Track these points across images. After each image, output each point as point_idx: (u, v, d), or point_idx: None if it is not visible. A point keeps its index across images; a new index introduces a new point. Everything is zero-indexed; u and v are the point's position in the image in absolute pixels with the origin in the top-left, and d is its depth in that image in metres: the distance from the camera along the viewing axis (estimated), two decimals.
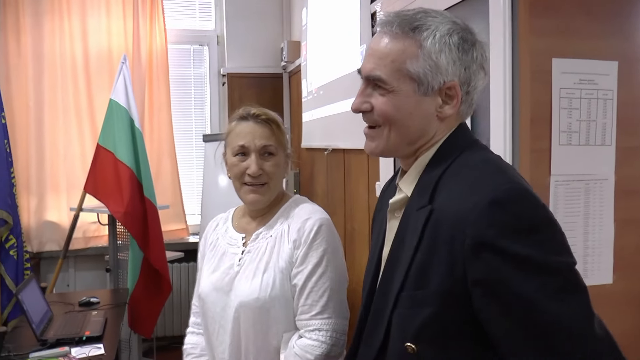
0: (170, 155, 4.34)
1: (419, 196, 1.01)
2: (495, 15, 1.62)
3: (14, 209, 3.46)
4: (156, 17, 4.24)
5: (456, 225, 0.91)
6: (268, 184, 1.56)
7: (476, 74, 1.03)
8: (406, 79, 1.00)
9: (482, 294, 0.90)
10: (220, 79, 4.59)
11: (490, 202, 0.88)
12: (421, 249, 0.96)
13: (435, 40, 1.00)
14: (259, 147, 1.54)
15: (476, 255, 0.89)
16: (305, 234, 1.50)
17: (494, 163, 0.99)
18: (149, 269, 3.51)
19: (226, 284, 1.55)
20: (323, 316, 1.47)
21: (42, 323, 2.59)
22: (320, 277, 1.48)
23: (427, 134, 1.05)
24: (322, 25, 3.49)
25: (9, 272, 3.42)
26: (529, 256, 0.87)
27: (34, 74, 4.07)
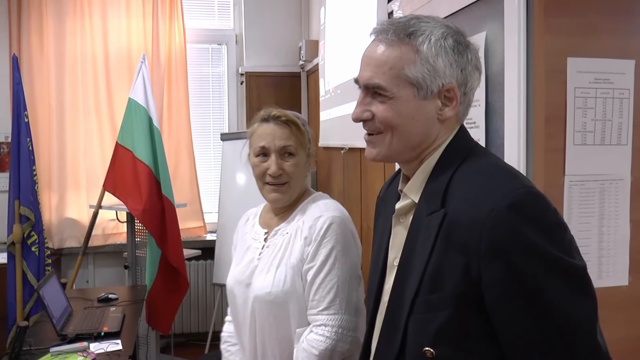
0: (188, 153, 4.38)
1: (429, 202, 1.02)
2: (510, 15, 1.61)
3: (36, 206, 3.53)
4: (175, 16, 4.28)
5: (472, 229, 0.92)
6: (289, 183, 1.61)
7: (472, 75, 1.04)
8: (405, 84, 1.02)
9: (499, 294, 0.91)
10: (239, 78, 4.62)
11: (508, 206, 0.90)
12: (435, 253, 0.97)
13: (431, 45, 1.01)
14: (278, 147, 1.60)
15: (494, 258, 0.90)
16: (316, 232, 1.54)
17: (504, 168, 1.01)
18: (167, 266, 3.55)
19: (246, 278, 1.62)
20: (329, 312, 1.51)
21: (62, 318, 2.63)
22: (327, 273, 1.52)
23: (428, 137, 1.05)
24: (340, 25, 3.50)
25: (30, 268, 3.50)
26: (547, 257, 0.89)
27: (56, 74, 4.14)
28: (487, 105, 1.75)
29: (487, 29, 1.74)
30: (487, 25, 1.74)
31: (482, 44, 1.74)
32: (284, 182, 1.60)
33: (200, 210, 4.45)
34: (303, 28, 4.56)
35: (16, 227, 3.47)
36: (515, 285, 0.90)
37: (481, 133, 1.77)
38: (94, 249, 4.18)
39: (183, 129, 4.37)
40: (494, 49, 1.71)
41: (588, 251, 1.63)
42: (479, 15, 1.78)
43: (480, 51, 1.75)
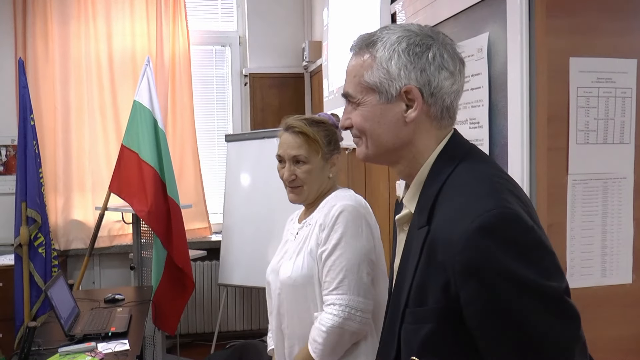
0: (193, 155, 4.40)
1: (419, 214, 1.05)
2: (512, 15, 1.62)
3: (42, 208, 3.56)
4: (179, 18, 4.30)
5: (446, 250, 0.94)
6: (302, 187, 1.77)
7: (436, 74, 1.04)
8: (367, 90, 1.07)
9: (472, 315, 0.93)
10: (242, 79, 4.64)
11: (478, 228, 0.90)
12: (419, 268, 1.00)
13: (385, 49, 1.05)
14: (290, 156, 1.76)
15: (466, 280, 0.91)
16: (329, 218, 1.67)
17: (485, 183, 0.99)
18: (173, 267, 3.57)
19: (278, 267, 1.79)
20: (338, 292, 1.63)
21: (70, 319, 2.65)
22: (338, 257, 1.64)
23: (401, 140, 1.07)
24: (343, 25, 3.51)
25: (37, 269, 3.52)
26: (520, 280, 0.89)
27: (61, 77, 4.17)
28: (491, 105, 1.77)
29: (490, 30, 1.75)
30: (490, 25, 1.75)
31: (485, 45, 1.76)
32: (298, 185, 1.76)
33: (205, 211, 4.47)
34: (306, 29, 4.58)
35: (23, 229, 3.50)
36: (489, 307, 0.91)
37: (484, 133, 1.79)
38: (100, 250, 4.21)
39: (187, 131, 4.39)
40: (496, 50, 1.72)
41: (591, 249, 1.64)
42: (482, 16, 1.80)
43: (483, 52, 1.78)
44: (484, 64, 1.77)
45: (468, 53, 1.86)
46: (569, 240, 1.63)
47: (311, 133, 1.75)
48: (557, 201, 1.59)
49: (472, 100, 1.85)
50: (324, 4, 3.94)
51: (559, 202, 1.60)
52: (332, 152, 1.80)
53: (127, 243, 4.21)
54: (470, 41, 1.84)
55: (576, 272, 1.64)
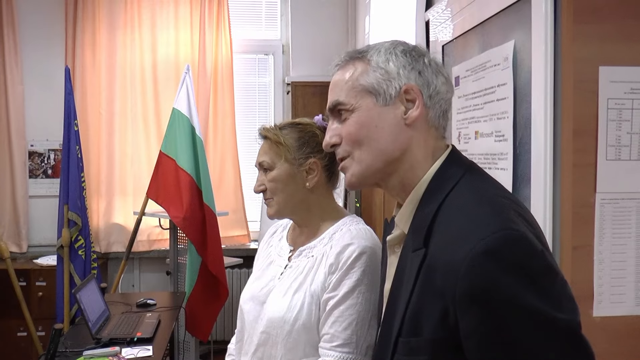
0: (233, 162, 4.43)
1: (414, 236, 0.97)
2: (537, 21, 1.52)
3: (83, 212, 3.66)
4: (222, 27, 4.35)
5: (447, 276, 0.86)
6: (272, 199, 1.55)
7: (434, 77, 1.02)
8: (363, 93, 1.02)
9: (473, 347, 0.85)
10: (285, 88, 4.64)
11: (482, 252, 0.83)
12: (415, 294, 0.93)
13: (380, 53, 1.03)
14: (257, 164, 1.58)
15: (468, 307, 0.84)
16: (343, 260, 1.42)
17: (488, 203, 0.92)
18: (207, 273, 3.59)
19: (263, 295, 1.54)
20: (344, 349, 1.39)
21: (99, 322, 2.70)
22: (348, 307, 1.40)
23: (402, 147, 1.01)
24: (382, 33, 3.45)
25: (77, 270, 3.63)
26: (525, 309, 0.81)
27: (106, 84, 4.29)
28: (516, 117, 1.66)
29: (515, 37, 1.65)
30: (515, 33, 1.65)
31: (510, 53, 1.66)
32: (267, 197, 1.56)
33: (244, 218, 4.48)
34: (349, 37, 4.53)
35: (65, 231, 3.61)
36: (492, 337, 0.83)
37: (509, 146, 1.68)
38: (139, 254, 4.29)
39: (228, 139, 4.42)
40: (521, 58, 1.62)
41: (624, 275, 1.50)
42: (508, 23, 1.70)
43: (509, 61, 1.68)
44: (509, 73, 1.67)
45: (494, 62, 1.76)
46: (597, 265, 1.50)
47: (273, 136, 1.54)
48: (584, 222, 1.47)
49: (497, 112, 1.75)
50: (365, 12, 3.89)
51: (585, 223, 1.47)
52: (307, 156, 1.53)
53: (165, 248, 4.27)
54: (496, 50, 1.75)
55: (605, 299, 1.51)
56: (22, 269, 3.92)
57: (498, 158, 1.76)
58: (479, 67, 1.87)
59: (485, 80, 1.83)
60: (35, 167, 4.34)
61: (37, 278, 3.95)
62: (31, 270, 3.96)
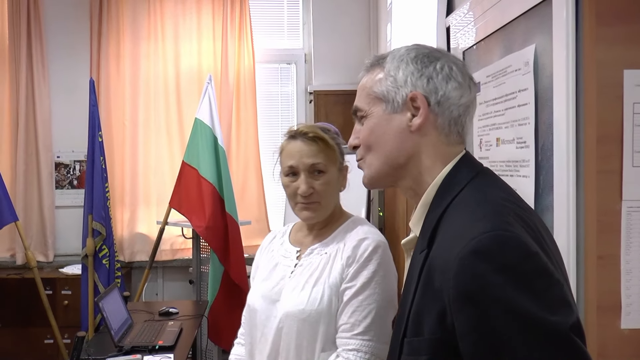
0: (256, 172, 4.43)
1: (422, 238, 1.00)
2: (558, 25, 1.48)
3: (107, 221, 3.70)
4: (245, 37, 4.38)
5: (443, 275, 0.87)
6: (320, 202, 1.56)
7: (443, 84, 1.03)
8: (375, 101, 1.06)
9: (466, 347, 0.84)
10: (307, 97, 4.64)
11: (471, 252, 0.83)
12: (417, 295, 0.94)
13: (394, 60, 1.06)
14: (307, 165, 1.55)
15: (459, 308, 0.84)
16: (360, 252, 1.49)
17: (487, 205, 0.92)
18: (229, 282, 3.59)
19: (275, 294, 1.56)
20: (364, 337, 1.43)
21: (121, 330, 2.71)
22: (367, 297, 1.45)
23: (408, 153, 1.04)
24: (404, 40, 3.43)
25: (101, 279, 3.67)
26: (516, 311, 0.80)
27: (130, 95, 4.35)
28: (538, 123, 1.62)
29: (537, 41, 1.61)
30: (536, 37, 1.61)
31: (531, 58, 1.62)
32: (315, 201, 1.55)
33: (267, 227, 4.46)
34: (371, 45, 4.52)
35: (89, 240, 3.66)
36: (483, 340, 0.82)
37: (531, 153, 1.64)
38: (162, 263, 4.32)
39: (251, 148, 4.43)
40: (543, 62, 1.59)
41: None
42: (528, 27, 1.66)
43: (529, 65, 1.64)
44: (530, 78, 1.63)
45: (515, 67, 1.73)
46: (624, 275, 1.44)
47: (329, 139, 1.56)
48: (609, 230, 1.42)
49: (518, 118, 1.71)
50: (387, 19, 3.88)
51: (611, 232, 1.42)
52: (343, 162, 1.62)
53: (188, 257, 4.29)
54: (517, 54, 1.71)
55: (634, 310, 1.45)
56: (48, 278, 3.98)
57: (520, 165, 1.72)
58: (499, 72, 1.84)
59: (506, 86, 1.79)
60: (61, 178, 4.42)
61: (63, 287, 4.00)
62: (57, 279, 4.03)
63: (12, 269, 4.19)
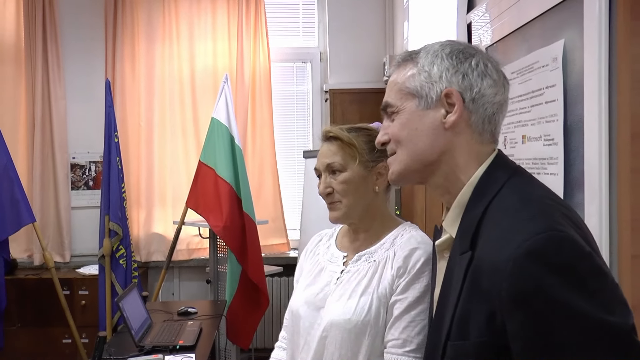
0: (272, 171, 4.42)
1: (461, 239, 0.98)
2: (590, 18, 1.45)
3: (124, 222, 3.71)
4: (260, 36, 4.36)
5: (492, 277, 0.85)
6: (340, 201, 1.50)
7: (479, 80, 1.01)
8: (408, 96, 1.04)
9: (520, 349, 0.83)
10: (323, 95, 4.62)
11: (526, 254, 0.81)
12: (462, 297, 0.93)
13: (428, 55, 1.04)
14: (324, 166, 1.52)
15: (513, 310, 0.82)
16: (412, 263, 1.40)
17: (533, 204, 0.91)
18: (247, 282, 3.58)
19: (319, 300, 1.50)
20: (417, 355, 1.35)
21: (142, 330, 2.71)
22: (420, 312, 1.37)
23: (441, 150, 1.02)
24: (422, 38, 3.40)
25: (118, 279, 3.67)
26: (573, 311, 0.78)
27: (145, 96, 4.35)
28: (566, 120, 1.59)
29: (566, 36, 1.58)
30: (566, 32, 1.58)
31: (560, 53, 1.59)
32: (335, 200, 1.51)
33: (283, 227, 4.46)
34: (387, 43, 4.49)
35: (106, 241, 3.66)
36: (537, 340, 0.80)
37: (559, 151, 1.61)
38: (179, 263, 4.32)
39: (267, 147, 4.42)
40: (572, 58, 1.55)
41: None
42: (557, 21, 1.63)
43: (558, 61, 1.61)
44: (559, 74, 1.60)
45: (542, 63, 1.70)
46: None
47: (346, 137, 1.51)
48: None
49: (546, 114, 1.68)
50: (404, 17, 3.84)
51: None
52: (377, 160, 1.51)
53: (205, 257, 4.28)
54: (544, 50, 1.68)
55: None
56: (65, 278, 4.00)
57: (547, 163, 1.69)
58: (525, 68, 1.81)
59: (533, 82, 1.76)
60: (77, 179, 4.43)
61: (80, 287, 4.02)
62: (74, 279, 4.04)
63: (30, 269, 4.21)
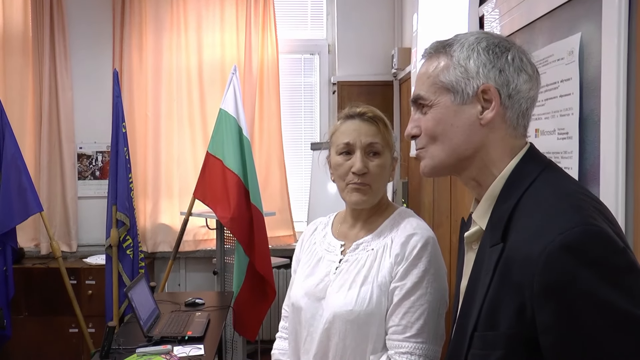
0: (279, 162, 4.42)
1: (492, 231, 0.97)
2: (609, 11, 1.44)
3: (131, 212, 3.71)
4: (268, 28, 4.35)
5: (525, 269, 0.85)
6: (371, 186, 1.48)
7: (515, 76, 1.00)
8: (442, 90, 1.03)
9: (550, 344, 0.83)
10: (331, 88, 4.60)
11: (560, 247, 0.81)
12: (492, 288, 0.92)
13: (463, 49, 1.02)
14: (364, 144, 1.48)
15: (544, 302, 0.83)
16: (409, 250, 1.42)
17: (567, 198, 0.91)
18: (254, 273, 3.58)
19: (319, 291, 1.50)
20: (417, 340, 1.38)
21: (150, 320, 2.72)
22: (419, 297, 1.39)
23: (473, 145, 1.02)
24: (432, 31, 3.37)
25: (125, 270, 3.68)
26: (605, 305, 0.78)
27: (153, 87, 4.34)
28: (582, 114, 1.58)
29: (583, 30, 1.57)
30: (583, 25, 1.57)
31: (577, 47, 1.58)
32: (367, 182, 1.48)
33: (290, 219, 4.47)
34: (396, 36, 4.47)
35: (113, 231, 3.67)
36: (570, 336, 0.81)
37: (574, 145, 1.60)
38: (185, 254, 4.33)
39: (274, 139, 4.41)
40: (589, 51, 1.54)
41: None
42: (574, 14, 1.61)
43: (574, 54, 1.60)
44: (575, 67, 1.58)
45: (557, 56, 1.68)
46: None
47: (387, 123, 1.50)
48: None
49: (560, 108, 1.67)
50: (413, 9, 3.82)
51: None
52: (395, 151, 1.54)
53: (211, 248, 4.30)
54: (561, 43, 1.66)
55: None
56: (72, 268, 4.02)
57: (561, 156, 1.68)
58: (540, 62, 1.79)
59: (547, 76, 1.75)
60: (83, 169, 4.44)
61: (87, 277, 4.03)
62: (81, 269, 4.06)
63: (37, 258, 4.23)
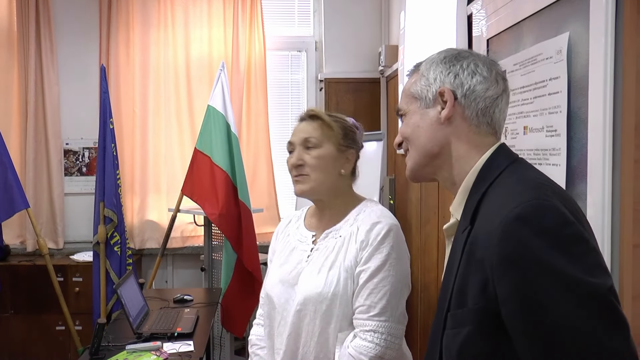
0: (266, 159, 4.43)
1: (464, 219, 1.06)
2: (596, 11, 1.47)
3: (119, 209, 3.70)
4: (255, 24, 4.34)
5: (485, 245, 0.93)
6: (309, 175, 1.63)
7: (469, 79, 1.12)
8: (412, 100, 1.18)
9: (510, 312, 0.88)
10: (318, 85, 4.62)
11: (515, 218, 0.89)
12: (461, 268, 0.99)
13: (427, 63, 1.19)
14: (301, 140, 1.65)
15: (502, 273, 0.89)
16: (373, 236, 1.57)
17: (527, 182, 0.99)
18: (242, 270, 3.59)
19: (292, 278, 1.64)
20: (380, 318, 1.52)
21: (139, 317, 2.72)
22: (382, 279, 1.53)
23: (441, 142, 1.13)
24: (419, 29, 3.40)
25: (113, 266, 3.67)
26: (557, 272, 0.84)
27: (140, 83, 4.32)
28: (570, 112, 1.62)
29: (571, 29, 1.60)
30: (571, 25, 1.60)
31: (565, 46, 1.61)
32: (304, 173, 1.63)
33: (277, 215, 4.47)
34: (383, 33, 4.50)
35: (101, 227, 3.65)
36: (525, 302, 0.86)
37: (562, 142, 1.64)
38: (173, 250, 4.32)
39: (261, 135, 4.42)
40: (577, 51, 1.57)
41: None
42: (562, 14, 1.65)
43: (562, 53, 1.63)
44: (563, 66, 1.62)
45: (546, 55, 1.71)
46: None
47: (327, 118, 1.66)
48: None
49: (549, 106, 1.70)
50: (401, 7, 3.84)
51: None
52: (348, 147, 1.68)
53: (199, 244, 4.29)
54: (549, 42, 1.70)
55: None
56: (59, 265, 3.99)
57: (550, 154, 1.72)
58: (528, 60, 1.83)
59: (536, 74, 1.78)
60: (70, 165, 4.41)
61: (74, 274, 4.01)
62: (68, 266, 4.03)
63: (23, 255, 4.20)
